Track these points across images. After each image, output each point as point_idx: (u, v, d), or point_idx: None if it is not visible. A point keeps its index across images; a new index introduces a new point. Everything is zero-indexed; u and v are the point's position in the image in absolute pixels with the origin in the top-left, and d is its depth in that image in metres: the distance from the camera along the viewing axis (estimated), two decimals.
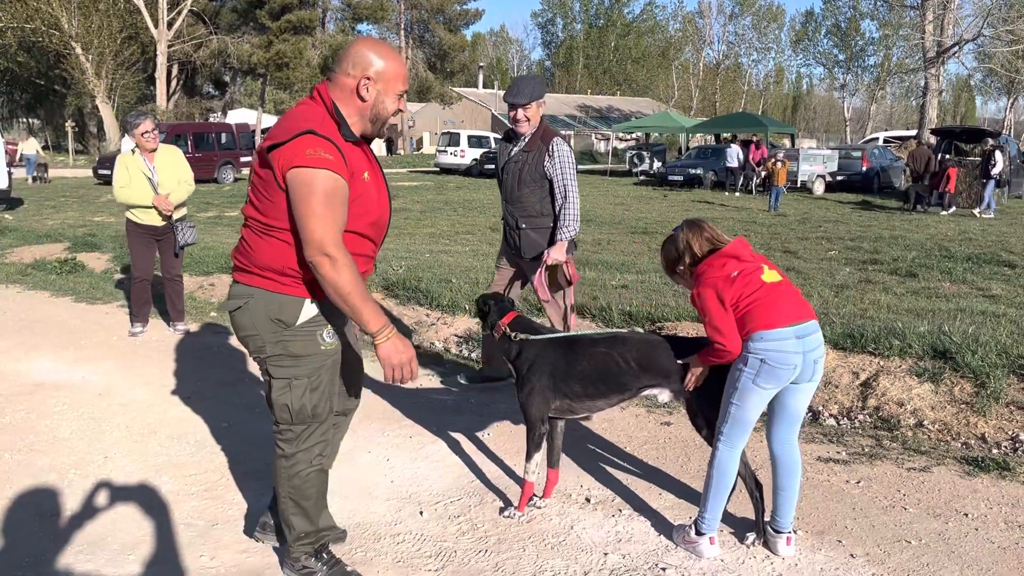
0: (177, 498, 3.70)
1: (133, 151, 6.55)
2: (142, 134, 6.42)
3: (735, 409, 3.07)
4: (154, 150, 6.51)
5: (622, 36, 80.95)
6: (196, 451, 4.28)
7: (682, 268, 3.20)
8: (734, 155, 24.00)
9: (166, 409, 4.94)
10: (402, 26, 49.24)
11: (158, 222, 6.58)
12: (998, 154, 17.83)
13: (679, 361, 3.26)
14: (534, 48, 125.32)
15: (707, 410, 3.23)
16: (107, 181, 23.05)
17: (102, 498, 3.68)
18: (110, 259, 9.88)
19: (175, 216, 6.65)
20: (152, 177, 6.48)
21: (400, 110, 2.68)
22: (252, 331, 2.69)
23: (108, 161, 23.03)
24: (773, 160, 19.75)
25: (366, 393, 5.24)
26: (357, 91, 2.60)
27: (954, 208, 17.99)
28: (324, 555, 2.97)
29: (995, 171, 17.56)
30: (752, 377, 2.99)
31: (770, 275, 3.07)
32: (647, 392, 3.45)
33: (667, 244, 3.27)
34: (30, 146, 30.82)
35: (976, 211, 17.16)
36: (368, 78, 2.58)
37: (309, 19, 42.60)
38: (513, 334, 3.55)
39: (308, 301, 2.66)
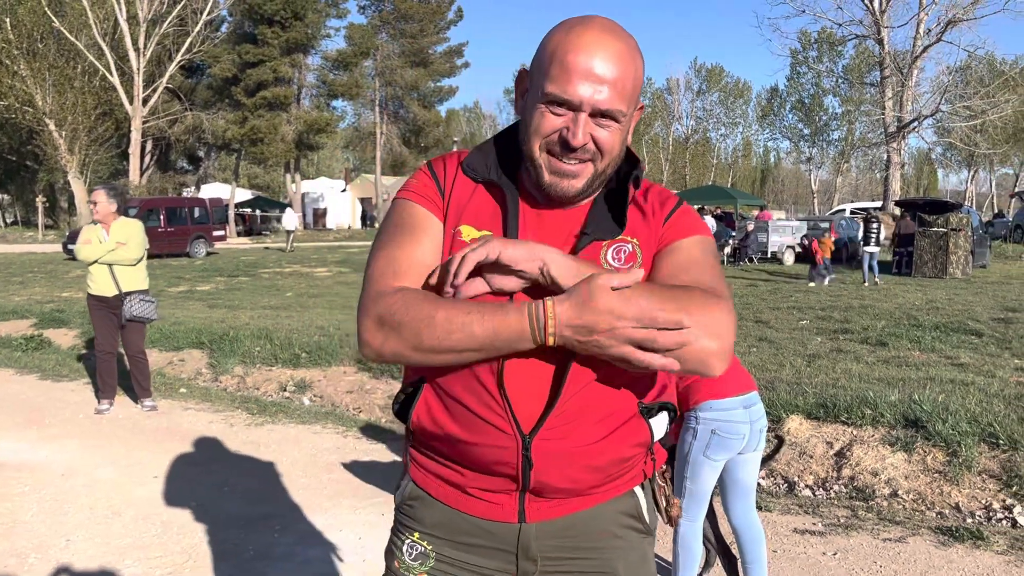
0: None
1: (95, 223, 6.65)
2: (88, 202, 6.58)
3: (689, 483, 3.08)
4: (98, 222, 6.56)
5: None
6: (162, 532, 4.17)
7: None
8: (710, 226, 24.39)
9: (132, 489, 4.82)
10: (377, 102, 50.08)
11: (110, 291, 6.45)
12: (873, 224, 18.31)
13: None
14: (507, 123, 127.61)
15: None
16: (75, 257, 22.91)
17: None
18: (77, 335, 9.75)
19: (126, 288, 6.46)
20: (104, 242, 6.53)
21: (571, 144, 1.34)
22: None
23: (77, 237, 22.93)
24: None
25: (336, 468, 5.16)
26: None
27: (815, 283, 17.50)
28: None
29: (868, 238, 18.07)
30: (702, 449, 3.00)
31: None
32: None
33: None
34: None
35: (867, 283, 17.10)
36: (521, 74, 1.48)
37: (284, 96, 43.24)
38: None
39: (408, 474, 1.57)
